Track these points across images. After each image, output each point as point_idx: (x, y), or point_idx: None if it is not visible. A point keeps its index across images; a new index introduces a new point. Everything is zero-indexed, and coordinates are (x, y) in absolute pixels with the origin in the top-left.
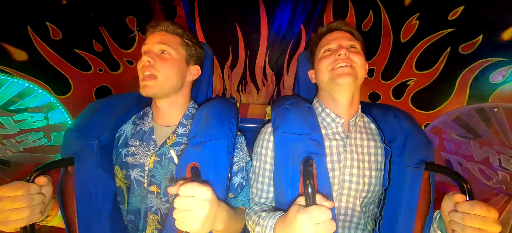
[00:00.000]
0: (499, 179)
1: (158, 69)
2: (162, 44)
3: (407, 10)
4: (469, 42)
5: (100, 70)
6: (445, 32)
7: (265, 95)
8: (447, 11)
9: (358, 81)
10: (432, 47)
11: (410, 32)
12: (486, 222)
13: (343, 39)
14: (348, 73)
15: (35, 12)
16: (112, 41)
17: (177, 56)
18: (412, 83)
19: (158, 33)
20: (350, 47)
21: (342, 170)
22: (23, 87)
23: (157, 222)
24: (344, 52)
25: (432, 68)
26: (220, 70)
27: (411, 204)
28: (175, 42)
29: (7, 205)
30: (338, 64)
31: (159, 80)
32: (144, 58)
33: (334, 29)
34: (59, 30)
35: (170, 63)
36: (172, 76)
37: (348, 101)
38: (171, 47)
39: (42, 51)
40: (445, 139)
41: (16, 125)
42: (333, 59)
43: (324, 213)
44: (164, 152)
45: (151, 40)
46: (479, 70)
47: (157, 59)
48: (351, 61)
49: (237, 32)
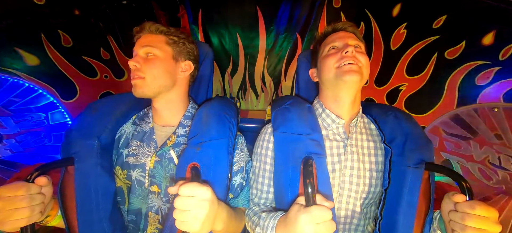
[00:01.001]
0: (499, 179)
1: (144, 72)
2: (145, 47)
3: (395, 20)
4: (453, 48)
5: (106, 77)
6: (431, 39)
7: (264, 101)
8: (432, 20)
9: (363, 81)
10: (420, 54)
11: (399, 41)
12: (486, 222)
13: (349, 38)
14: (355, 71)
15: (49, 20)
16: (118, 49)
17: (162, 55)
18: (404, 88)
19: (144, 36)
20: (356, 47)
21: (343, 170)
22: (23, 87)
23: (158, 222)
24: (351, 50)
25: (422, 73)
26: (220, 77)
27: (411, 204)
28: (159, 42)
29: (7, 205)
30: (345, 62)
31: (147, 81)
32: (130, 63)
33: (339, 29)
34: (70, 38)
35: (155, 63)
36: (159, 76)
37: (351, 100)
38: (155, 47)
39: (52, 57)
40: (445, 139)
41: (16, 125)
42: (339, 57)
43: (324, 213)
44: (164, 152)
45: (137, 44)
46: (465, 73)
47: (142, 62)
48: (357, 60)
49: (237, 41)
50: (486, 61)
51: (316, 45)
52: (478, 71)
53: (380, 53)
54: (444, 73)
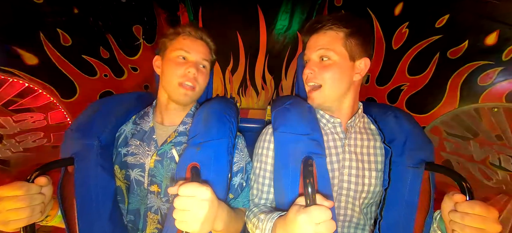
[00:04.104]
0: (499, 179)
1: (198, 82)
2: (204, 60)
3: (397, 19)
4: (456, 48)
5: (105, 76)
6: (433, 38)
7: (264, 99)
8: (434, 19)
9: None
10: (422, 53)
11: (401, 40)
12: (486, 222)
13: (314, 50)
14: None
15: (48, 19)
16: (118, 48)
17: (209, 70)
18: (405, 88)
19: (200, 43)
20: (324, 59)
21: (341, 170)
22: (23, 87)
23: (157, 222)
24: (308, 72)
25: (423, 73)
26: (221, 75)
27: (411, 204)
28: (209, 56)
29: (7, 205)
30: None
31: (196, 92)
32: (192, 70)
33: (310, 34)
34: (69, 36)
35: (206, 77)
36: (202, 88)
37: (340, 106)
38: (207, 62)
39: (51, 56)
40: (445, 139)
41: (16, 125)
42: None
43: (324, 213)
44: (165, 151)
45: (194, 48)
46: (467, 73)
47: (198, 73)
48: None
49: (238, 39)
50: (489, 61)
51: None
52: (480, 71)
53: (381, 53)
54: (446, 73)
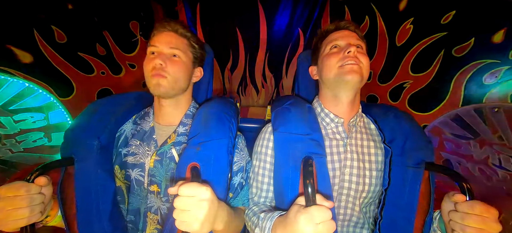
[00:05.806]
0: (499, 179)
1: (169, 72)
2: (173, 49)
3: (401, 15)
4: (461, 45)
5: (103, 73)
6: (439, 35)
7: (264, 97)
8: (440, 15)
9: (363, 82)
10: (426, 50)
11: (405, 36)
12: (486, 222)
13: (352, 38)
14: (356, 71)
15: (41, 15)
16: (115, 45)
17: (186, 60)
18: (408, 86)
19: (167, 34)
20: (358, 47)
21: (342, 170)
22: (23, 87)
23: (157, 222)
24: (354, 50)
25: (427, 70)
26: (220, 73)
27: (411, 204)
28: (184, 45)
29: (7, 205)
30: (347, 62)
31: (169, 81)
32: (157, 61)
33: (342, 28)
34: (64, 33)
35: (180, 66)
36: (181, 79)
37: (350, 100)
38: (181, 50)
39: (47, 54)
40: (445, 139)
41: (16, 125)
42: (342, 56)
43: (324, 213)
44: (165, 151)
45: (161, 40)
46: (472, 72)
47: (168, 62)
48: (358, 61)
49: (237, 36)
50: (495, 60)
51: (318, 43)
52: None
53: (384, 49)
54: (450, 71)
